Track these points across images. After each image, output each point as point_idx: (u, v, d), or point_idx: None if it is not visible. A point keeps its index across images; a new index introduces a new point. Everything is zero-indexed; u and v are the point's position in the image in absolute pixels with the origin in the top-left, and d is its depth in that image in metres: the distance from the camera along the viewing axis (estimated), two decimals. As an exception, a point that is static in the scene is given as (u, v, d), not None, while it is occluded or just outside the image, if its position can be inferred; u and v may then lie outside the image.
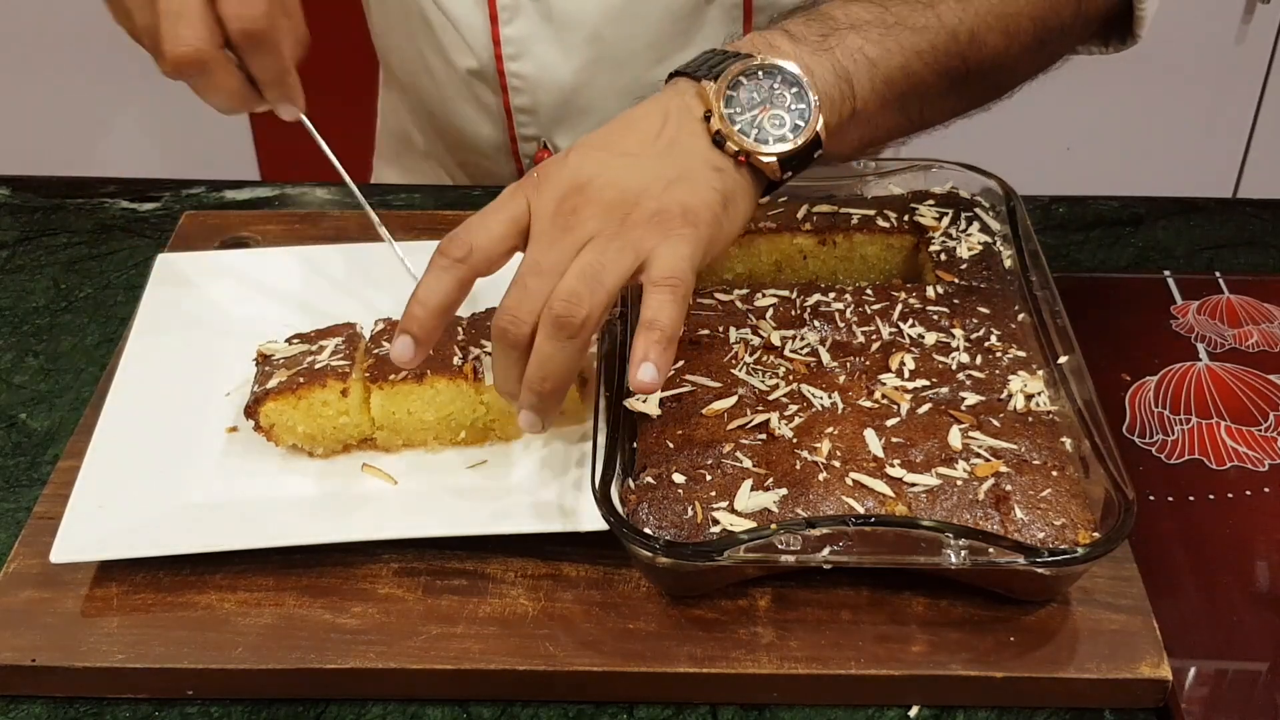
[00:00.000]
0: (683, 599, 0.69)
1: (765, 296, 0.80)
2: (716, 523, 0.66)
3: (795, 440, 0.70)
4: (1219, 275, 0.92)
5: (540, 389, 0.67)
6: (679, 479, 0.68)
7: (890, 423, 0.70)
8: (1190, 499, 0.76)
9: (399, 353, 0.69)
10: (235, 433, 0.78)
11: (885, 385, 0.73)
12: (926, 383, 0.73)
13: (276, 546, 0.70)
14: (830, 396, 0.72)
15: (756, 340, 0.76)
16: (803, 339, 0.76)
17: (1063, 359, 0.73)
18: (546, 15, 0.97)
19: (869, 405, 0.72)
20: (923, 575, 0.69)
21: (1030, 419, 0.71)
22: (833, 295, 0.79)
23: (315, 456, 0.76)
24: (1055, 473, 0.68)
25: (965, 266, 0.81)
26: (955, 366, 0.74)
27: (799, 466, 0.68)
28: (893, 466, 0.68)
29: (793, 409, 0.71)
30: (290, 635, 0.67)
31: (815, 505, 0.66)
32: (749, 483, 0.67)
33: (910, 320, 0.77)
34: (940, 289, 0.80)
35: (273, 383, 0.75)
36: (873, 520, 0.65)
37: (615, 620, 0.68)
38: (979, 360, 0.75)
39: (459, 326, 0.78)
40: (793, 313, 0.78)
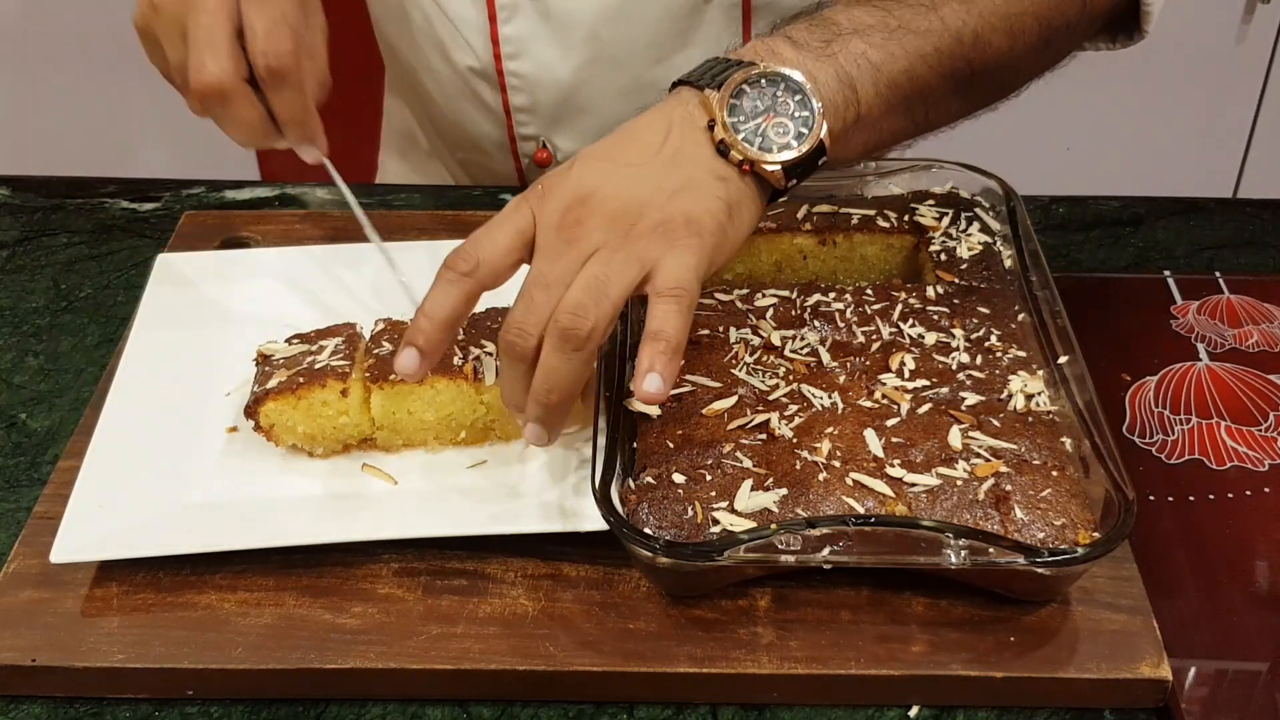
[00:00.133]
0: (683, 599, 0.69)
1: (765, 296, 0.80)
2: (716, 523, 0.66)
3: (795, 440, 0.70)
4: (1219, 275, 0.92)
5: (547, 401, 0.67)
6: (679, 479, 0.68)
7: (890, 423, 0.70)
8: (1190, 499, 0.76)
9: (404, 365, 0.69)
10: (235, 433, 0.78)
11: (885, 385, 0.73)
12: (926, 383, 0.73)
13: (276, 546, 0.70)
14: (830, 396, 0.72)
15: (756, 340, 0.76)
16: (803, 339, 0.76)
17: (1063, 359, 0.73)
18: (544, 14, 0.96)
19: (869, 405, 0.72)
20: (923, 575, 0.69)
21: (1030, 419, 0.71)
22: (833, 295, 0.79)
23: (315, 456, 0.76)
24: (1055, 473, 0.68)
25: (965, 266, 0.81)
26: (955, 366, 0.74)
27: (799, 466, 0.68)
28: (893, 466, 0.68)
29: (793, 409, 0.71)
30: (290, 635, 0.67)
31: (815, 505, 0.66)
32: (749, 483, 0.67)
33: (910, 320, 0.77)
34: (940, 289, 0.80)
35: (272, 383, 0.75)
36: (873, 520, 0.65)
37: (615, 620, 0.68)
38: (979, 360, 0.75)
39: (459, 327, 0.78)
40: (793, 313, 0.78)
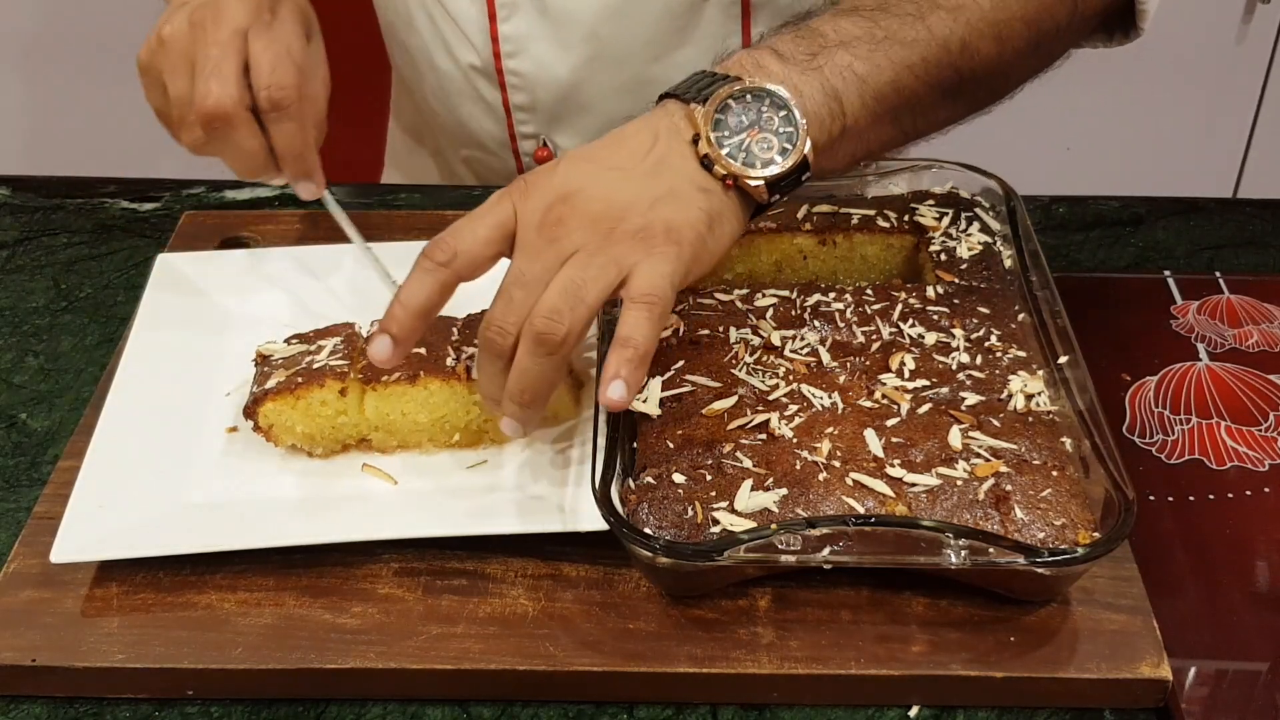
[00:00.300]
0: (683, 599, 0.69)
1: (765, 296, 0.80)
2: (716, 523, 0.66)
3: (795, 440, 0.70)
4: (1219, 275, 0.92)
5: (520, 400, 0.68)
6: (679, 479, 0.68)
7: (890, 423, 0.70)
8: (1190, 499, 0.76)
9: (376, 351, 0.70)
10: (235, 433, 0.78)
11: (885, 385, 0.73)
12: (926, 383, 0.73)
13: (276, 546, 0.70)
14: (830, 396, 0.72)
15: (756, 340, 0.76)
16: (803, 339, 0.76)
17: (1063, 359, 0.73)
18: (543, 12, 0.96)
19: (869, 405, 0.72)
20: (923, 575, 0.68)
21: (1030, 419, 0.71)
22: (833, 295, 0.79)
23: (315, 456, 0.76)
24: (1055, 473, 0.68)
25: (965, 266, 0.81)
26: (955, 366, 0.74)
27: (799, 466, 0.68)
28: (893, 466, 0.68)
29: (793, 409, 0.71)
30: (290, 635, 0.67)
31: (815, 505, 0.66)
32: (749, 483, 0.67)
33: (910, 320, 0.77)
34: (940, 289, 0.80)
35: (271, 383, 0.75)
36: (873, 520, 0.65)
37: (615, 620, 0.68)
38: (979, 360, 0.75)
39: (454, 327, 0.78)
40: (793, 313, 0.78)
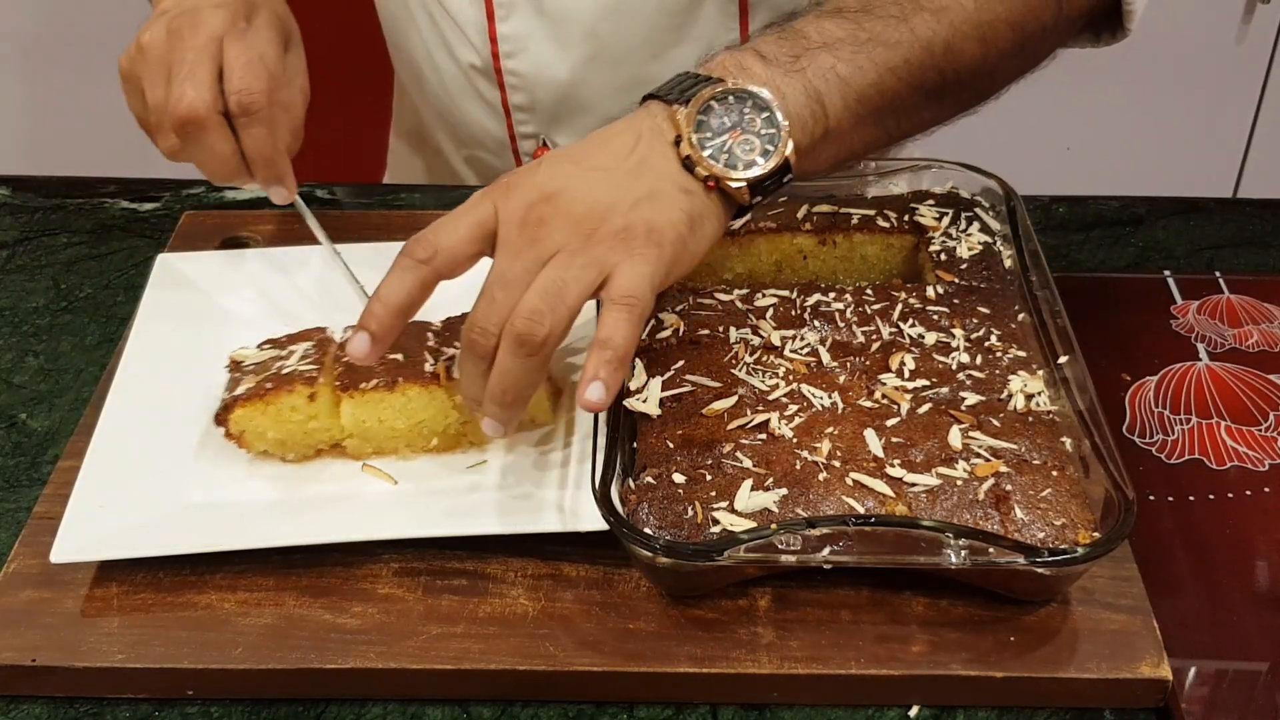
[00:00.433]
0: (683, 599, 0.69)
1: (765, 296, 0.80)
2: (716, 523, 0.66)
3: (795, 440, 0.70)
4: (1219, 275, 0.92)
5: (502, 401, 0.68)
6: (679, 479, 0.68)
7: (890, 423, 0.70)
8: (1190, 499, 0.76)
9: (355, 348, 0.69)
10: (235, 433, 0.78)
11: (885, 385, 0.73)
12: (926, 383, 0.73)
13: (276, 546, 0.70)
14: (830, 396, 0.72)
15: (756, 340, 0.76)
16: (803, 339, 0.76)
17: (1063, 359, 0.73)
18: (541, 11, 0.96)
19: (869, 405, 0.72)
20: (923, 575, 0.68)
21: (1030, 419, 0.71)
22: (833, 295, 0.79)
23: (287, 462, 0.76)
24: (1055, 473, 0.68)
25: (965, 266, 0.81)
26: (955, 366, 0.74)
27: (799, 466, 0.68)
28: (893, 466, 0.68)
29: (793, 409, 0.71)
30: (290, 635, 0.67)
31: (815, 505, 0.66)
32: (749, 483, 0.67)
33: (910, 320, 0.77)
34: (940, 289, 0.80)
35: (241, 389, 0.75)
36: (873, 520, 0.65)
37: (615, 620, 0.68)
38: (979, 360, 0.75)
39: (429, 331, 0.78)
40: (793, 313, 0.78)
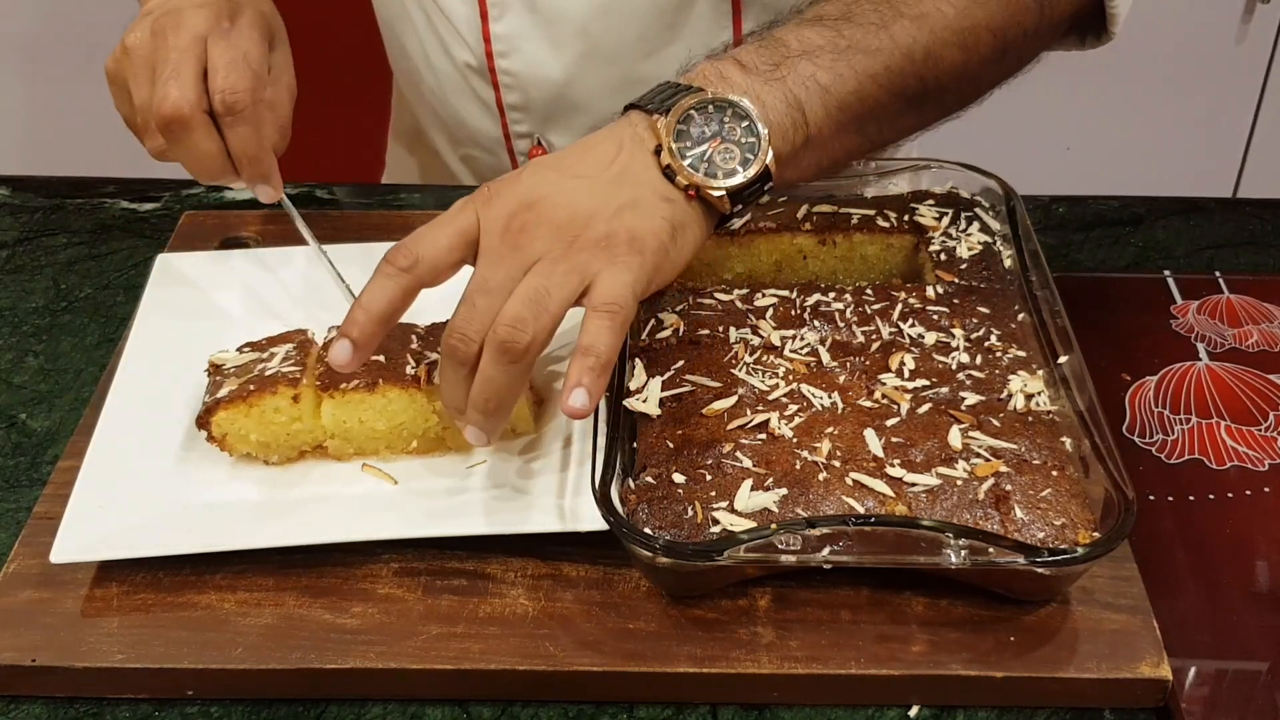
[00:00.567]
0: (683, 599, 0.69)
1: (765, 296, 0.80)
2: (716, 523, 0.66)
3: (795, 440, 0.70)
4: (1219, 275, 0.92)
5: (485, 409, 0.68)
6: (679, 479, 0.68)
7: (890, 423, 0.70)
8: (1190, 499, 0.76)
9: (336, 356, 0.69)
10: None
11: (885, 385, 0.73)
12: (926, 382, 0.73)
13: (277, 546, 0.70)
14: (830, 396, 0.72)
15: (756, 340, 0.76)
16: (803, 339, 0.76)
17: (1063, 359, 0.73)
18: (534, 10, 0.96)
19: (869, 405, 0.72)
20: (923, 575, 0.68)
21: (1030, 419, 0.71)
22: (833, 295, 0.79)
23: (270, 464, 0.76)
24: (1055, 472, 0.68)
25: (965, 266, 0.81)
26: (955, 366, 0.74)
27: (799, 466, 0.68)
28: (893, 466, 0.68)
29: (793, 409, 0.71)
30: (290, 635, 0.67)
31: (815, 505, 0.66)
32: (749, 483, 0.67)
33: (910, 320, 0.77)
34: (940, 289, 0.80)
35: (223, 392, 0.75)
36: (873, 520, 0.65)
37: (615, 620, 0.68)
38: (979, 360, 0.75)
39: (413, 334, 0.77)
40: (793, 313, 0.78)
